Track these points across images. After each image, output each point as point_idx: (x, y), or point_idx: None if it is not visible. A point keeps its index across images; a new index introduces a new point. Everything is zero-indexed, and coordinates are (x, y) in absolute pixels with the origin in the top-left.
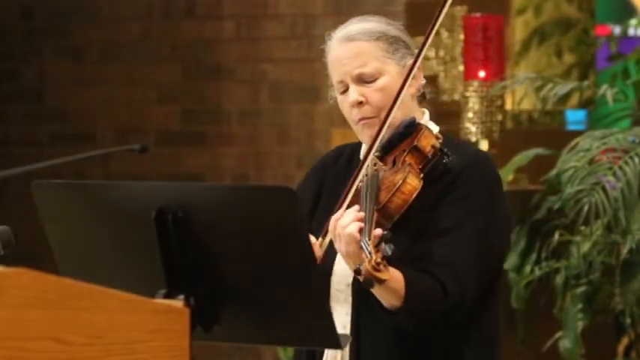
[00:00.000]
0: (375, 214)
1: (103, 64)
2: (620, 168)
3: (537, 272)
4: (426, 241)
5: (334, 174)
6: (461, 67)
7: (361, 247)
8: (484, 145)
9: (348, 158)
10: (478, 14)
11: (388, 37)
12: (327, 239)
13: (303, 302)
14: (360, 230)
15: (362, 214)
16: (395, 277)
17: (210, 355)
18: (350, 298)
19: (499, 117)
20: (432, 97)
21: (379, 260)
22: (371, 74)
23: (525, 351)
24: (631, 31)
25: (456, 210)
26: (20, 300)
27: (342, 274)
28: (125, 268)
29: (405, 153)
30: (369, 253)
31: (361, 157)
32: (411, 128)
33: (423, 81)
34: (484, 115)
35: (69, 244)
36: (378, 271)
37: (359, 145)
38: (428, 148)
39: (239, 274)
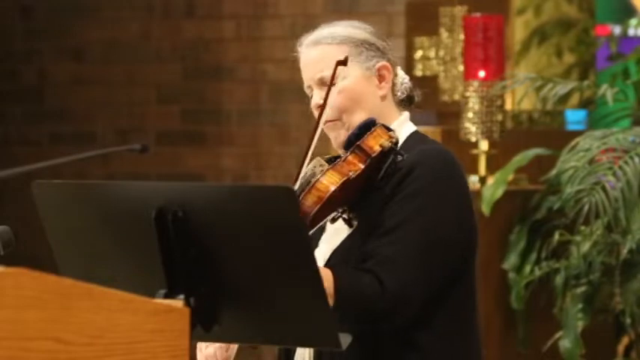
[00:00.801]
0: None
1: (103, 64)
2: (620, 168)
3: (537, 272)
4: (373, 240)
5: None
6: (461, 67)
7: None
8: (484, 145)
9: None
10: (478, 14)
11: (353, 40)
12: None
13: (303, 302)
14: None
15: None
16: (323, 276)
17: None
18: None
19: (499, 117)
20: (430, 97)
21: None
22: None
23: (525, 351)
24: (631, 31)
25: (403, 207)
26: (20, 300)
27: None
28: (125, 268)
29: (349, 153)
30: None
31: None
32: (366, 128)
33: (406, 84)
34: (484, 115)
35: (69, 243)
36: None
37: None
38: (375, 148)
39: (239, 273)
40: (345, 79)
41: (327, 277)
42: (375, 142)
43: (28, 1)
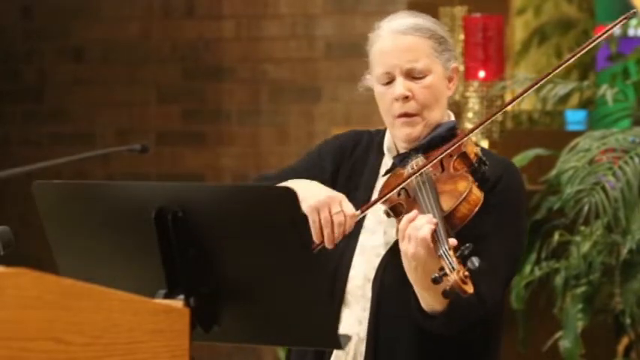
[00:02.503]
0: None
1: (103, 64)
2: (620, 168)
3: (537, 272)
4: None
5: (352, 161)
6: (461, 67)
7: (440, 256)
8: (484, 145)
9: (366, 147)
10: (478, 14)
11: (437, 36)
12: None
13: (303, 302)
14: (432, 235)
15: (435, 220)
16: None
17: (210, 355)
18: (369, 294)
19: (499, 117)
20: None
21: (467, 273)
22: (421, 70)
23: (525, 351)
24: (631, 31)
25: (490, 218)
26: (20, 300)
27: (361, 268)
28: (125, 268)
29: (454, 158)
30: (451, 264)
31: (385, 150)
32: (453, 131)
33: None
34: (484, 115)
35: (69, 244)
36: (466, 284)
37: (378, 134)
38: (472, 155)
39: (239, 274)
40: (431, 74)
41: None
42: (471, 150)
43: (28, 1)
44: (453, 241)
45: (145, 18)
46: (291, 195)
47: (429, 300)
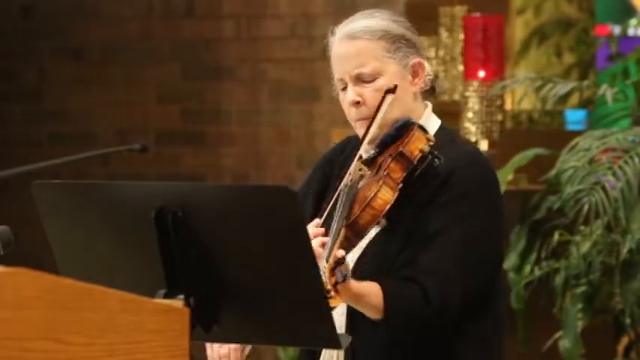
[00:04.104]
0: (344, 230)
1: (103, 64)
2: (620, 168)
3: (537, 272)
4: (413, 246)
5: (337, 168)
6: (461, 67)
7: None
8: (484, 145)
9: (349, 153)
10: (478, 14)
11: (391, 35)
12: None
13: (303, 302)
14: (323, 246)
15: (322, 230)
16: (372, 292)
17: None
18: None
19: (499, 117)
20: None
21: (329, 287)
22: (370, 74)
23: (525, 351)
24: (631, 31)
25: (445, 213)
26: (20, 300)
27: None
28: (125, 268)
29: (390, 159)
30: (324, 279)
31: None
32: (403, 130)
33: (430, 76)
34: (484, 115)
35: (69, 243)
36: (327, 298)
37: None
38: (415, 153)
39: (239, 273)
40: (382, 77)
41: (376, 292)
42: (415, 148)
43: (28, 1)
44: (340, 253)
45: (145, 18)
46: (291, 194)
47: (362, 309)
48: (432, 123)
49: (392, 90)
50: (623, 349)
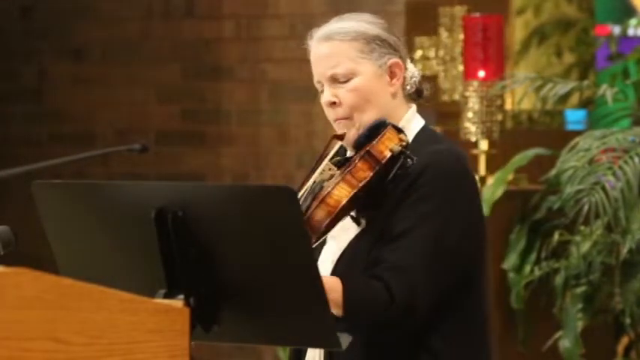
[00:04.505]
0: None
1: (103, 64)
2: (620, 168)
3: (537, 272)
4: (381, 245)
5: None
6: (461, 67)
7: None
8: (484, 145)
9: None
10: (478, 14)
11: (366, 36)
12: None
13: (302, 302)
14: None
15: None
16: (331, 287)
17: (210, 355)
18: None
19: (499, 117)
20: (430, 96)
21: None
22: (344, 74)
23: (525, 351)
24: (631, 31)
25: (412, 212)
26: (20, 300)
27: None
28: (125, 268)
29: (358, 158)
30: None
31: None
32: (376, 130)
33: (415, 78)
34: (484, 115)
35: (69, 243)
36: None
37: None
38: (384, 153)
39: (239, 274)
40: (357, 77)
41: (336, 287)
42: (384, 147)
43: (28, 1)
44: None
45: (145, 18)
46: (291, 194)
47: None
48: (414, 125)
49: (339, 137)
50: (623, 349)
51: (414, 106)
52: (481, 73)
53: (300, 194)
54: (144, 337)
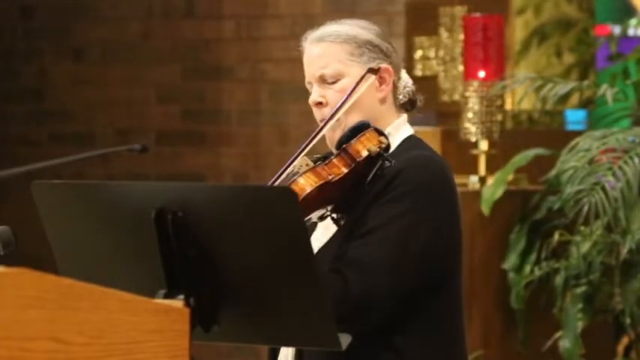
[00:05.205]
0: None
1: (103, 64)
2: (620, 168)
3: (537, 272)
4: (348, 241)
5: None
6: (461, 67)
7: None
8: (484, 145)
9: None
10: (478, 14)
11: (357, 40)
12: None
13: (302, 302)
14: None
15: None
16: None
17: (210, 355)
18: None
19: (499, 117)
20: (430, 97)
21: None
22: (332, 75)
23: (525, 351)
24: (631, 31)
25: (382, 212)
26: (20, 300)
27: None
28: (125, 268)
29: (335, 155)
30: None
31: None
32: (356, 131)
33: (409, 87)
34: (484, 115)
35: (69, 244)
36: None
37: None
38: (361, 152)
39: (239, 274)
40: (344, 78)
41: None
42: (362, 147)
43: (28, 1)
44: None
45: (145, 18)
46: (291, 195)
47: None
48: (401, 133)
49: (375, 71)
50: (623, 349)
51: (404, 115)
52: (481, 73)
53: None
54: (144, 337)
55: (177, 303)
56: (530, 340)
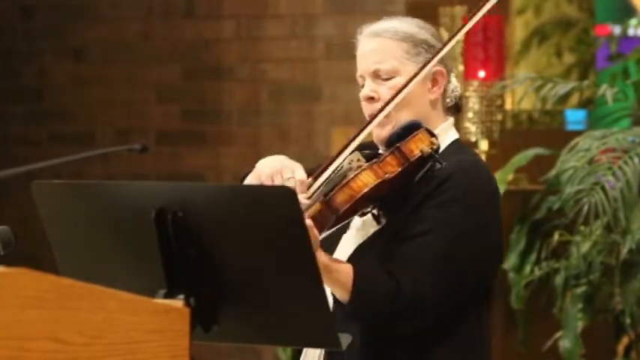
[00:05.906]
0: (318, 205)
1: (103, 64)
2: (620, 168)
3: (537, 272)
4: (398, 242)
5: None
6: (461, 67)
7: None
8: (484, 145)
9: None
10: None
11: (414, 39)
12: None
13: (303, 302)
14: None
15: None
16: (342, 270)
17: (210, 355)
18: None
19: (499, 117)
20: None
21: None
22: (387, 72)
23: (525, 351)
24: (631, 31)
25: (433, 215)
26: (20, 300)
27: None
28: (125, 268)
29: (388, 153)
30: None
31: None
32: (408, 130)
33: (457, 92)
34: (484, 114)
35: (69, 243)
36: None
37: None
38: (415, 152)
39: (239, 274)
40: (399, 76)
41: (347, 271)
42: (415, 147)
43: (28, 1)
44: None
45: (145, 18)
46: (291, 194)
47: (331, 287)
48: (448, 136)
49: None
50: (623, 349)
51: (451, 119)
52: (481, 73)
53: (321, 180)
54: (144, 337)
55: (177, 303)
56: (530, 340)
